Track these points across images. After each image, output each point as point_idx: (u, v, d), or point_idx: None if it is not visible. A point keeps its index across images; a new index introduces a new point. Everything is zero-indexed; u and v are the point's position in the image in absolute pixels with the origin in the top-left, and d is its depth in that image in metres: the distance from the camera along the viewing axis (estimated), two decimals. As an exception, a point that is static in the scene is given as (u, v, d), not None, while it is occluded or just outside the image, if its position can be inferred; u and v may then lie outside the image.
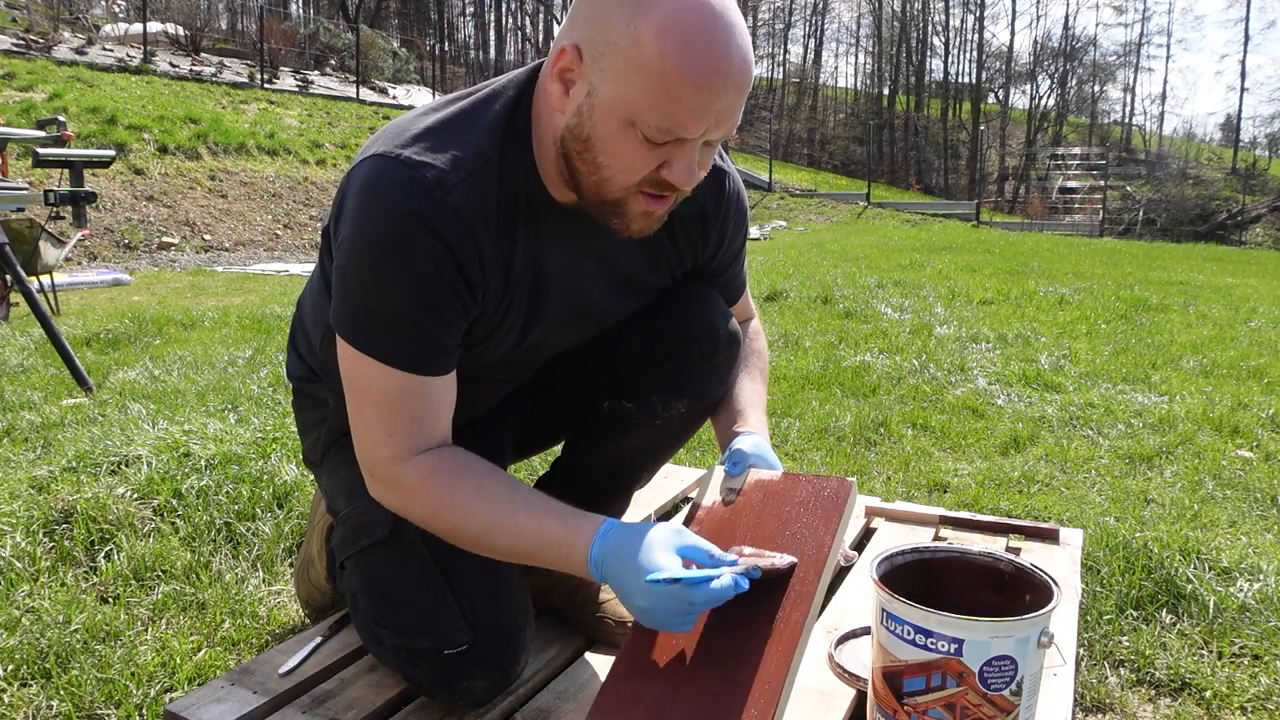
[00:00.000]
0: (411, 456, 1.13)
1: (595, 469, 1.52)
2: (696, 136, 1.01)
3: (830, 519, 1.18)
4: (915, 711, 1.09)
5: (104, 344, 4.15)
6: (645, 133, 1.00)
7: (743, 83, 1.00)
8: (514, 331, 1.23)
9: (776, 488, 1.25)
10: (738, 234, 1.38)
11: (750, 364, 1.45)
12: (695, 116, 0.99)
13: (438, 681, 1.21)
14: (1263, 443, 2.79)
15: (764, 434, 1.35)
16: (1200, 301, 6.01)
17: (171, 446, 2.21)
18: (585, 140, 1.04)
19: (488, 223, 1.10)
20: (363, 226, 1.07)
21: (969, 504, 2.24)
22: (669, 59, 0.96)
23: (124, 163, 10.39)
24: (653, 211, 1.09)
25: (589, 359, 1.39)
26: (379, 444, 1.14)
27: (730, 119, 1.02)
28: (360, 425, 1.15)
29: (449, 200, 1.06)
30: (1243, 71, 63.43)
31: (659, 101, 0.98)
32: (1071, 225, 22.45)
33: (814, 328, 4.68)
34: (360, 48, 20.30)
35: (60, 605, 1.61)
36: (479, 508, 1.12)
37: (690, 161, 1.04)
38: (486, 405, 1.42)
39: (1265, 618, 1.62)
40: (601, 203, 1.08)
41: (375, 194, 1.07)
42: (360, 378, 1.13)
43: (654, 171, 1.04)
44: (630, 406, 1.40)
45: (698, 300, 1.36)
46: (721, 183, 1.30)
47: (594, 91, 1.01)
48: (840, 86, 49.21)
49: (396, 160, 1.06)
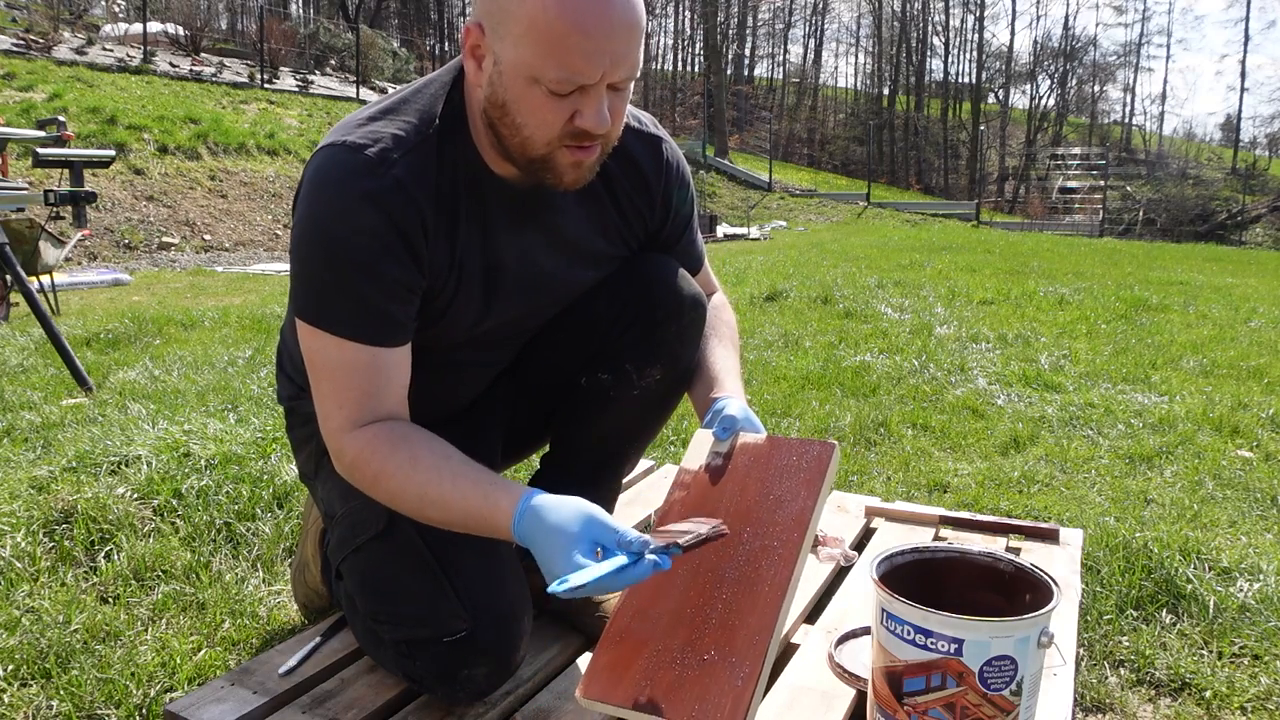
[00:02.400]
0: (357, 427, 1.17)
1: (583, 452, 1.53)
2: (596, 81, 1.06)
3: (814, 482, 1.21)
4: (915, 711, 1.09)
5: (104, 344, 4.15)
6: (549, 86, 1.06)
7: (629, 21, 1.05)
8: (473, 307, 1.26)
9: (761, 452, 1.27)
10: (684, 201, 1.42)
11: (720, 333, 1.48)
12: (589, 61, 1.04)
13: (438, 673, 1.22)
14: (1263, 443, 2.79)
15: (742, 399, 1.37)
16: (1200, 301, 6.01)
17: (171, 446, 2.21)
18: (501, 106, 1.10)
19: (429, 195, 1.16)
20: (310, 206, 1.14)
21: (969, 504, 2.24)
22: (552, 12, 1.02)
23: (124, 163, 10.38)
24: (581, 161, 1.13)
25: (561, 339, 1.42)
26: (330, 415, 1.18)
27: (627, 60, 1.07)
28: (319, 399, 1.19)
29: (391, 173, 1.12)
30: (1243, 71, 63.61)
31: (552, 54, 1.04)
32: (1071, 225, 22.47)
33: (814, 328, 4.68)
34: (360, 48, 20.30)
35: (60, 605, 1.61)
36: (412, 476, 1.14)
37: (599, 106, 1.08)
38: (471, 393, 1.44)
39: (1265, 618, 1.62)
40: (529, 161, 1.14)
41: (322, 177, 1.14)
42: (315, 352, 1.18)
43: (569, 123, 1.09)
44: (607, 378, 1.42)
45: (657, 265, 1.40)
46: (658, 148, 1.36)
47: (499, 59, 1.08)
48: (840, 86, 49.24)
49: (342, 146, 1.14)
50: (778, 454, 1.25)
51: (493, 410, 1.48)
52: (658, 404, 1.48)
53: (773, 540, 1.16)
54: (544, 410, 1.54)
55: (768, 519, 1.19)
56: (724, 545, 1.17)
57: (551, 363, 1.46)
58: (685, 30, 43.88)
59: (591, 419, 1.48)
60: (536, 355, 1.45)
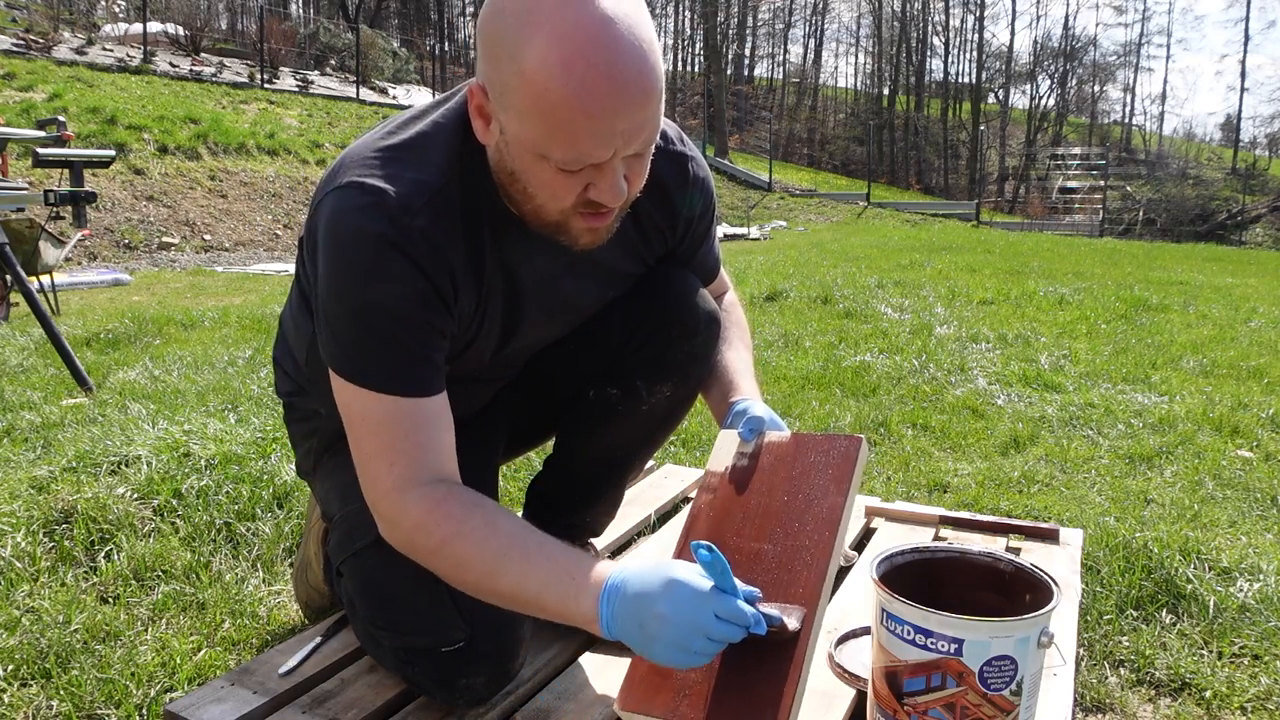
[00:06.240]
0: (416, 487, 1.09)
1: (588, 461, 1.53)
2: (608, 159, 0.99)
3: (842, 479, 1.18)
4: (915, 711, 1.09)
5: (104, 344, 4.15)
6: (557, 164, 0.99)
7: (640, 97, 0.96)
8: (493, 340, 1.23)
9: (787, 450, 1.24)
10: (705, 217, 1.38)
11: (732, 335, 1.46)
12: (598, 142, 0.97)
13: (437, 681, 1.22)
14: (1263, 443, 2.79)
15: (758, 398, 1.36)
16: (1200, 301, 6.01)
17: (171, 446, 2.21)
18: (510, 174, 1.05)
19: (455, 241, 1.10)
20: (336, 258, 1.08)
21: (969, 504, 2.24)
22: (555, 94, 0.93)
23: (124, 163, 10.38)
24: (597, 226, 1.08)
25: (572, 350, 1.41)
26: (381, 476, 1.10)
27: (643, 132, 0.99)
28: (363, 461, 1.12)
29: (415, 224, 1.06)
30: (1243, 71, 63.56)
31: (558, 135, 0.96)
32: (1071, 225, 22.46)
33: (814, 328, 4.68)
34: (360, 48, 20.29)
35: (60, 605, 1.61)
36: (489, 541, 1.07)
37: (614, 180, 1.02)
38: (478, 405, 1.43)
39: (1265, 618, 1.62)
40: (543, 225, 1.09)
41: (343, 224, 1.07)
42: (356, 409, 1.11)
43: (582, 194, 1.03)
44: (616, 393, 1.41)
45: (675, 283, 1.36)
46: (685, 167, 1.31)
47: (505, 130, 1.01)
48: (840, 86, 49.24)
49: (360, 188, 1.07)
50: (804, 451, 1.23)
51: (498, 410, 1.48)
52: (665, 418, 1.47)
53: (804, 540, 1.14)
54: (549, 415, 1.53)
55: (798, 519, 1.17)
56: (757, 550, 1.15)
57: (561, 373, 1.45)
58: (685, 30, 43.91)
59: (598, 430, 1.47)
60: (546, 365, 1.44)
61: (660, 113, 1.01)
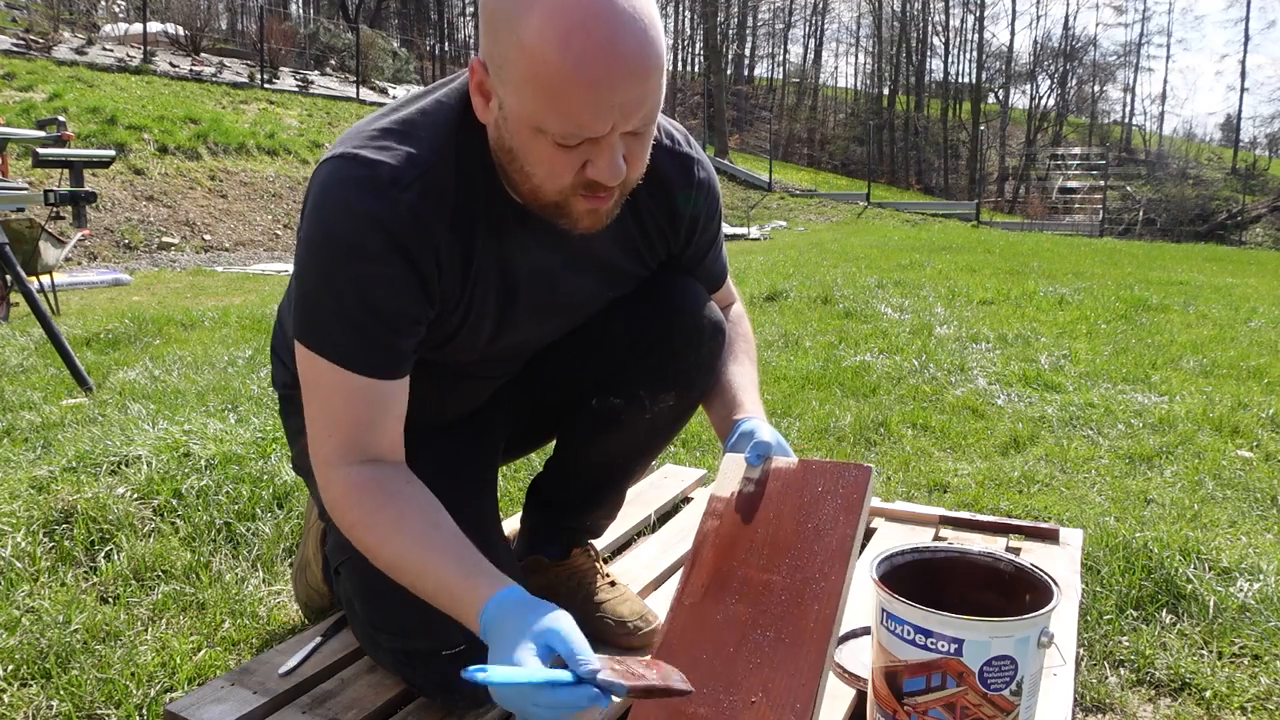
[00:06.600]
0: (346, 464, 1.11)
1: (588, 467, 1.52)
2: (606, 133, 0.97)
3: (853, 509, 1.17)
4: (915, 711, 1.09)
5: (104, 344, 4.15)
6: (554, 138, 0.98)
7: (639, 70, 0.94)
8: (484, 331, 1.22)
9: (795, 477, 1.23)
10: (710, 222, 1.36)
11: (737, 348, 1.45)
12: (595, 115, 0.95)
13: (437, 683, 1.22)
14: (1263, 443, 2.79)
15: (763, 418, 1.35)
16: (1200, 301, 6.01)
17: (171, 446, 2.21)
18: (509, 151, 1.04)
19: (443, 220, 1.09)
20: (320, 225, 1.07)
21: (969, 504, 2.24)
22: (552, 64, 0.92)
23: (124, 163, 10.38)
24: (597, 208, 1.06)
25: (575, 355, 1.39)
26: (320, 443, 1.12)
27: (641, 107, 0.97)
28: (308, 422, 1.14)
29: (404, 198, 1.05)
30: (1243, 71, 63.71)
31: (555, 107, 0.95)
32: (1071, 225, 22.46)
33: (814, 328, 4.68)
34: (360, 48, 20.29)
35: (60, 605, 1.61)
36: (391, 539, 1.08)
37: (612, 158, 0.99)
38: (477, 402, 1.42)
39: (1265, 618, 1.62)
40: (542, 206, 1.08)
41: (332, 193, 1.07)
42: (309, 375, 1.12)
43: (580, 173, 1.01)
44: (618, 402, 1.40)
45: (680, 291, 1.35)
46: (689, 169, 1.28)
47: (504, 104, 1.00)
48: (840, 86, 49.24)
49: (354, 159, 1.06)
50: (812, 480, 1.21)
51: (499, 412, 1.47)
52: (667, 426, 1.47)
53: (813, 573, 1.13)
54: (551, 418, 1.53)
55: (807, 550, 1.15)
56: (766, 581, 1.14)
57: (563, 379, 1.44)
58: (685, 30, 43.89)
59: (599, 437, 1.46)
60: (548, 369, 1.43)
61: (661, 90, 0.99)
